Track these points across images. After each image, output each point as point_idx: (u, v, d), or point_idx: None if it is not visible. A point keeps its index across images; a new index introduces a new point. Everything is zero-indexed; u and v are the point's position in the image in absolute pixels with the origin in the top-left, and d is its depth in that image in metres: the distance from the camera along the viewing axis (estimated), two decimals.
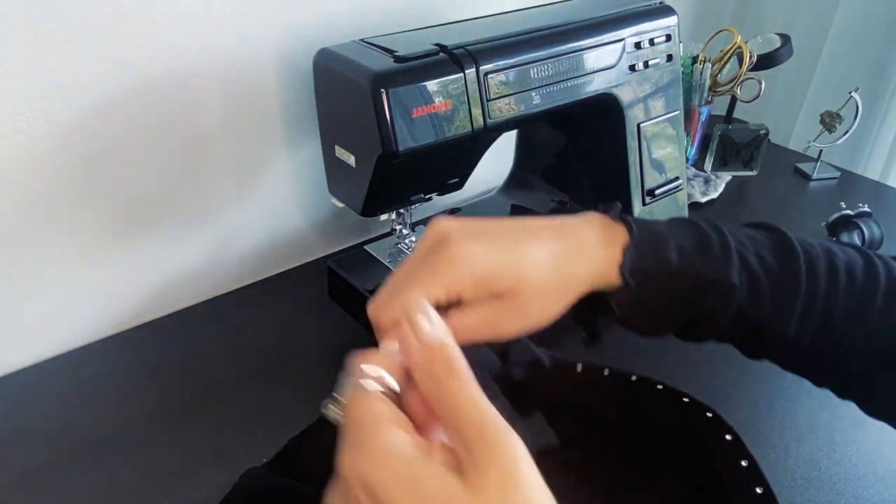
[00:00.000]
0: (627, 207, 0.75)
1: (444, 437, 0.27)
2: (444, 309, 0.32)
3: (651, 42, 0.70)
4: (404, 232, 0.74)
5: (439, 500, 0.24)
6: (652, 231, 0.36)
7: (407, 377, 0.29)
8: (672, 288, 0.35)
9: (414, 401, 0.28)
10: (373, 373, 0.28)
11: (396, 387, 0.29)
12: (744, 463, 0.36)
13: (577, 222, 0.35)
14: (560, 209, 0.82)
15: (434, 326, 0.28)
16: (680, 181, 0.79)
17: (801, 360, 0.38)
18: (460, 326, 0.32)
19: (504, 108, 0.60)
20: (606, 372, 0.41)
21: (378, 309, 0.32)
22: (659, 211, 0.77)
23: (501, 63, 0.59)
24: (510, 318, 0.33)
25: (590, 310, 0.37)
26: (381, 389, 0.28)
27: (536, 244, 0.33)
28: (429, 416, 0.28)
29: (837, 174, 1.09)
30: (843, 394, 0.39)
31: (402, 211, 0.71)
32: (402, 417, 0.27)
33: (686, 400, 0.39)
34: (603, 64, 0.66)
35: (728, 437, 0.37)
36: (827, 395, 0.65)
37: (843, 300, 0.35)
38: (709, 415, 0.38)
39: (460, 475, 0.24)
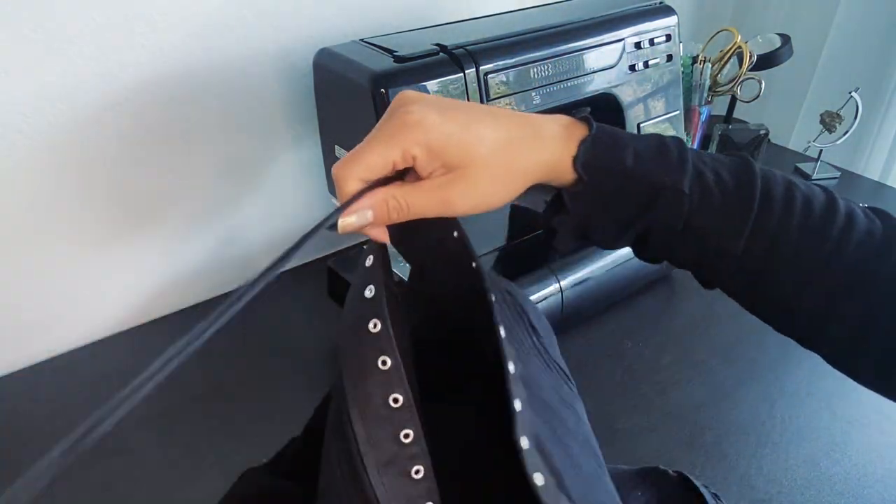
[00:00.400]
0: None
1: None
2: (399, 176, 0.35)
3: (651, 42, 0.70)
4: None
5: None
6: (612, 133, 0.37)
7: None
8: (624, 188, 0.35)
9: None
10: None
11: None
12: None
13: (543, 117, 0.37)
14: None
15: None
16: None
17: (754, 291, 0.37)
18: (413, 200, 0.34)
19: None
20: None
21: (340, 168, 0.33)
22: None
23: (501, 63, 0.59)
24: (460, 192, 0.34)
25: (548, 211, 0.38)
26: None
27: (493, 125, 0.34)
28: None
29: (837, 174, 1.09)
30: (805, 343, 0.38)
31: None
32: None
33: None
34: (603, 64, 0.66)
35: None
36: (827, 395, 0.65)
37: (796, 228, 0.35)
38: None
39: None
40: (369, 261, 0.34)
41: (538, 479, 0.27)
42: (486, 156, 0.33)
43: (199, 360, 0.79)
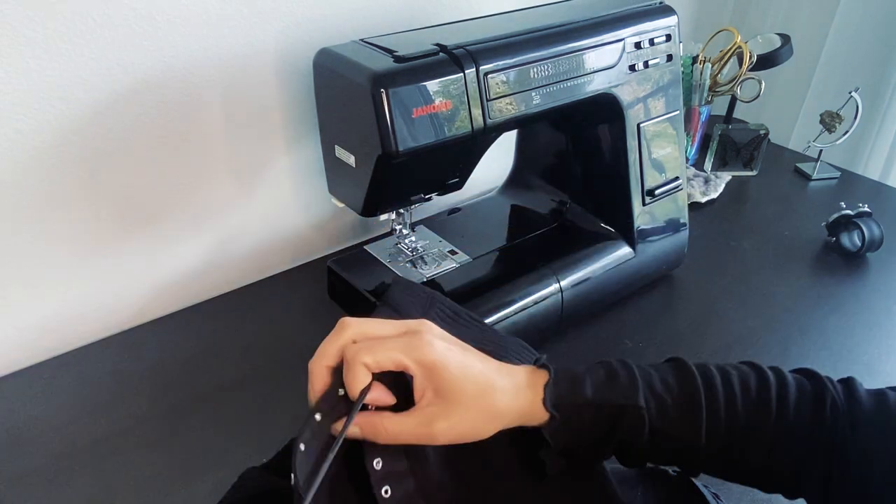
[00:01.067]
0: (627, 207, 0.75)
1: None
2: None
3: (651, 42, 0.70)
4: (404, 232, 0.74)
5: None
6: (568, 372, 0.43)
7: None
8: (591, 416, 0.41)
9: None
10: None
11: None
12: None
13: (514, 369, 0.43)
14: (560, 209, 0.82)
15: None
16: (680, 181, 0.79)
17: (731, 467, 0.42)
18: (400, 431, 0.39)
19: (504, 108, 0.60)
20: None
21: (354, 353, 0.38)
22: (659, 211, 0.77)
23: (501, 63, 0.59)
24: (443, 429, 0.39)
25: (533, 444, 0.43)
26: None
27: (483, 362, 0.41)
28: None
29: (837, 174, 1.09)
30: (792, 495, 0.43)
31: (402, 211, 0.71)
32: None
33: None
34: (603, 64, 0.66)
35: None
36: None
37: (742, 409, 0.41)
38: None
39: None
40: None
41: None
42: (472, 397, 0.39)
43: (199, 359, 0.79)
